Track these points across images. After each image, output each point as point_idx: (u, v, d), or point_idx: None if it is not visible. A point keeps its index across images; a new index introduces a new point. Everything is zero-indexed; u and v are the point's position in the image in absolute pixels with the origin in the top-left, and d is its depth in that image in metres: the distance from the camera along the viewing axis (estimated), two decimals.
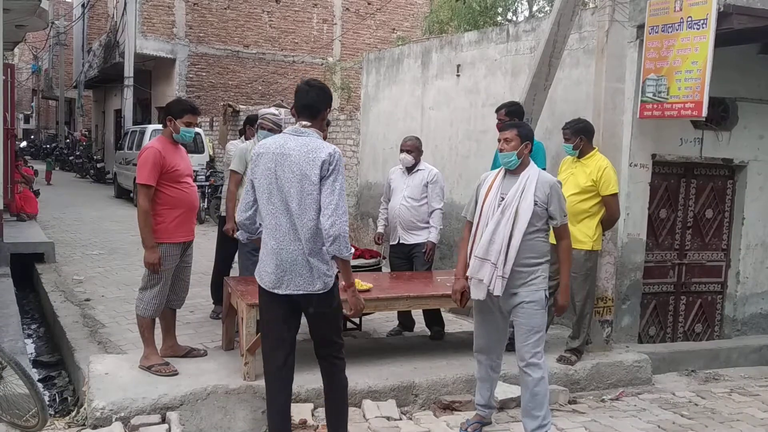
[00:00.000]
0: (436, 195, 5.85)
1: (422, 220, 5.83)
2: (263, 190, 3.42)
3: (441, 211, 5.87)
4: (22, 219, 11.07)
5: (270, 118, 5.58)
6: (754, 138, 6.55)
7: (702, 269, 6.62)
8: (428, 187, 5.82)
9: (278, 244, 3.39)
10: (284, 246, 3.39)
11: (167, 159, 4.60)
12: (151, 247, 4.55)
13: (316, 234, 3.35)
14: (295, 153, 3.34)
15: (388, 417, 4.47)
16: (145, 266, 4.60)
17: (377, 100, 10.46)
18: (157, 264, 4.55)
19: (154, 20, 20.00)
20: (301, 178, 3.31)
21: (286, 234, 3.38)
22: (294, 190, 3.33)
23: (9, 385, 4.10)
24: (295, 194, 3.32)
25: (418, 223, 5.83)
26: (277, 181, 3.37)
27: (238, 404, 4.31)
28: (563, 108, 6.71)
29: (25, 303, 7.82)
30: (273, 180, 3.38)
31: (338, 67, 21.08)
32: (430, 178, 5.84)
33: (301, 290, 3.42)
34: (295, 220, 3.35)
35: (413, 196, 5.83)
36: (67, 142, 30.56)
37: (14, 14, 9.44)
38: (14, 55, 32.11)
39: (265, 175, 3.41)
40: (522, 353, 3.99)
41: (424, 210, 5.83)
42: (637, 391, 5.40)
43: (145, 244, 4.57)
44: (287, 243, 3.38)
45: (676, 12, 5.46)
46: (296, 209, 3.33)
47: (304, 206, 3.33)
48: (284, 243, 3.38)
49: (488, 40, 8.05)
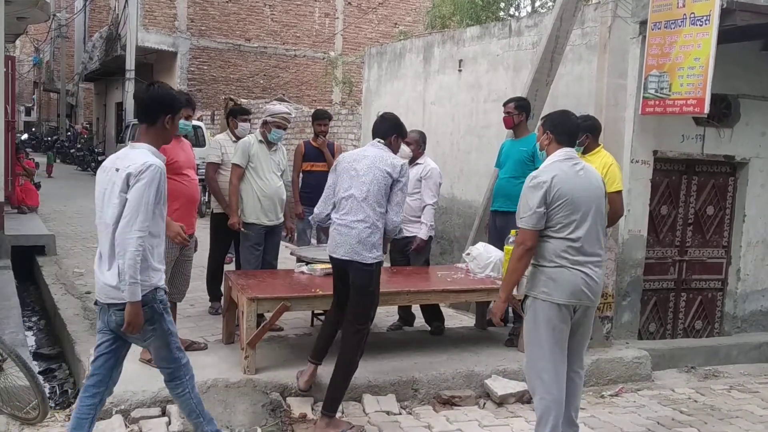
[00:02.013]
0: (428, 190, 5.78)
1: (414, 215, 5.78)
2: (344, 186, 4.21)
3: (432, 207, 5.81)
4: (23, 211, 11.07)
5: (285, 117, 5.69)
6: (756, 135, 6.54)
7: (703, 266, 6.62)
8: (422, 182, 5.79)
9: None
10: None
11: (167, 151, 4.59)
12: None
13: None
14: (371, 156, 4.22)
15: (388, 411, 4.48)
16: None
17: (379, 95, 10.45)
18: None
19: (155, 13, 19.96)
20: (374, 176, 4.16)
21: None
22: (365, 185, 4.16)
23: (10, 377, 4.12)
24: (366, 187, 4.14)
25: (410, 218, 5.76)
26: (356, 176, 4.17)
27: (239, 398, 4.32)
28: (565, 104, 6.69)
29: (25, 295, 7.83)
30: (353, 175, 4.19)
31: (340, 62, 21.04)
32: (424, 173, 5.81)
33: (347, 257, 4.17)
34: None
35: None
36: (69, 135, 30.55)
37: (16, 6, 9.43)
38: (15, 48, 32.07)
39: (347, 171, 4.22)
40: (584, 357, 3.98)
41: (416, 204, 5.78)
42: (637, 387, 5.40)
43: None
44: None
45: (679, 8, 5.45)
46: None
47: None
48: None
49: (490, 35, 8.03)
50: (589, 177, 3.75)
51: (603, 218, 3.78)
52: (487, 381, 4.87)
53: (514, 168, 5.83)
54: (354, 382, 4.57)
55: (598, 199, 3.72)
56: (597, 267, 3.69)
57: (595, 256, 3.68)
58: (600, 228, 3.73)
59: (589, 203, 3.67)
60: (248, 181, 5.59)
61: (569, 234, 3.62)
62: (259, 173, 5.58)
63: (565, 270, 3.62)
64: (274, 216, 5.68)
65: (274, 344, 5.24)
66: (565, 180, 3.63)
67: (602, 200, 3.77)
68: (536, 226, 3.61)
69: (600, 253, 3.71)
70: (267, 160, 5.63)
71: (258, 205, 5.58)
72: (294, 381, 4.52)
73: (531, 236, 3.62)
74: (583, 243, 3.63)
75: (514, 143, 5.97)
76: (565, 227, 3.62)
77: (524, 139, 5.89)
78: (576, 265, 3.62)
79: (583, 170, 3.75)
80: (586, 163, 5.20)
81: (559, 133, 3.78)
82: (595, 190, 3.73)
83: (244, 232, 5.61)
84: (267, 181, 5.61)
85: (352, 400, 4.53)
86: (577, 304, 3.64)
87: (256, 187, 5.57)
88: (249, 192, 5.58)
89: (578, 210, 3.63)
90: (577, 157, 3.84)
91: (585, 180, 3.71)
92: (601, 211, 3.74)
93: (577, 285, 3.62)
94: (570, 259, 3.62)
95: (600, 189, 3.77)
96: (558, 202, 3.60)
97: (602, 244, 3.75)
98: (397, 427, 4.32)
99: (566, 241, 3.62)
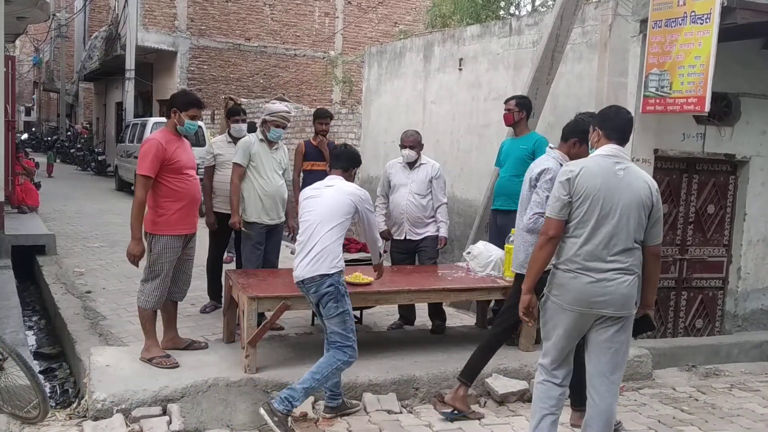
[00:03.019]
0: (441, 189, 5.88)
1: (428, 216, 5.86)
2: None
3: (446, 205, 5.92)
4: (23, 211, 11.07)
5: (284, 116, 5.68)
6: (757, 133, 6.53)
7: (703, 265, 6.62)
8: (433, 182, 5.84)
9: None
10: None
11: (169, 151, 4.61)
12: (137, 238, 4.56)
13: None
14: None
15: (389, 410, 4.47)
16: (127, 256, 4.62)
17: (379, 94, 10.44)
18: (138, 256, 4.57)
19: (155, 13, 19.96)
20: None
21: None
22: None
23: (10, 376, 4.12)
24: None
25: (424, 219, 5.86)
26: None
27: (239, 397, 4.32)
28: (565, 103, 6.70)
29: (26, 295, 7.83)
30: None
31: (340, 61, 21.03)
32: (434, 173, 5.86)
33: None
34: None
35: (420, 192, 5.83)
36: (69, 135, 30.55)
37: (15, 6, 9.42)
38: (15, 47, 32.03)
39: None
40: (614, 386, 3.74)
41: (429, 205, 5.85)
42: (638, 386, 5.40)
43: (132, 235, 4.58)
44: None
45: (679, 6, 5.44)
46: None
47: None
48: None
49: (491, 33, 8.03)
50: (629, 179, 3.46)
51: (636, 229, 3.45)
52: (487, 380, 4.87)
53: (514, 166, 5.83)
54: (354, 380, 4.60)
55: (631, 205, 3.42)
56: (617, 273, 3.42)
57: (616, 263, 3.41)
58: (630, 236, 3.43)
59: (617, 205, 3.41)
60: (250, 180, 5.59)
61: (585, 233, 3.42)
62: (260, 172, 5.58)
63: (571, 274, 3.46)
64: (275, 215, 5.68)
65: (274, 343, 5.24)
66: (594, 174, 3.43)
67: (640, 210, 3.44)
68: (558, 214, 3.46)
69: (624, 260, 3.42)
70: (268, 159, 5.63)
71: (259, 204, 5.58)
72: (294, 380, 4.51)
73: (554, 225, 3.48)
74: (599, 245, 3.41)
75: (514, 141, 5.98)
76: (582, 225, 3.43)
77: (524, 137, 5.90)
78: (585, 270, 3.43)
79: (625, 171, 3.47)
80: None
81: (607, 128, 3.58)
82: (632, 194, 3.43)
83: (245, 232, 5.61)
84: (268, 180, 5.60)
85: (353, 399, 4.53)
86: (589, 312, 3.45)
87: (257, 186, 5.57)
88: (251, 191, 5.58)
89: (601, 209, 3.40)
90: (625, 157, 3.56)
91: (622, 181, 3.44)
92: (634, 219, 3.43)
93: (582, 291, 3.43)
94: (579, 262, 3.44)
95: (639, 196, 3.44)
96: (579, 194, 3.42)
97: (631, 252, 3.45)
98: (398, 425, 4.32)
99: (581, 242, 3.44)
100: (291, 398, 3.99)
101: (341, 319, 4.12)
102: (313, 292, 4.15)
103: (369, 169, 10.59)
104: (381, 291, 4.96)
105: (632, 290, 3.48)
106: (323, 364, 4.11)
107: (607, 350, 3.52)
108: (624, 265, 3.44)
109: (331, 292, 4.11)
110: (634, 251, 3.47)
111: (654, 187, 3.53)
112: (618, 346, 3.53)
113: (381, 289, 4.97)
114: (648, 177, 3.60)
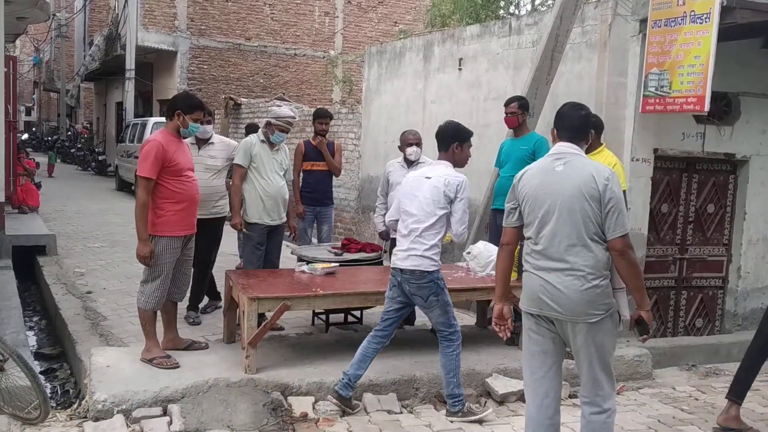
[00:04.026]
0: None
1: None
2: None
3: None
4: (24, 211, 11.08)
5: (289, 121, 5.70)
6: (757, 133, 6.53)
7: (703, 264, 6.62)
8: None
9: None
10: None
11: (169, 153, 4.61)
12: (144, 240, 4.56)
13: None
14: None
15: (389, 410, 4.48)
16: (137, 259, 4.62)
17: (379, 94, 10.44)
18: (148, 257, 4.56)
19: (155, 13, 19.96)
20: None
21: None
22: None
23: (11, 377, 4.12)
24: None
25: None
26: None
27: (240, 397, 4.32)
28: (565, 102, 6.69)
29: (26, 295, 7.83)
30: None
31: (340, 61, 21.03)
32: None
33: None
34: None
35: None
36: (69, 135, 30.56)
37: (15, 6, 9.42)
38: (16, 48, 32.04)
39: None
40: (597, 388, 3.46)
41: None
42: (638, 385, 5.41)
43: (139, 236, 4.58)
44: None
45: (679, 6, 5.44)
46: None
47: None
48: None
49: (490, 33, 8.03)
50: (568, 173, 3.26)
51: (584, 223, 3.20)
52: (488, 380, 4.88)
53: (515, 166, 5.81)
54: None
55: (571, 199, 3.21)
56: (565, 275, 3.21)
57: (562, 262, 3.22)
58: (575, 232, 3.20)
59: (555, 201, 3.24)
60: (251, 180, 5.59)
61: (530, 233, 3.34)
62: (261, 173, 5.59)
63: (528, 275, 3.36)
64: (276, 215, 5.68)
65: (275, 343, 5.24)
66: (533, 175, 3.36)
67: (583, 202, 3.19)
68: (507, 221, 3.47)
69: (570, 260, 3.21)
70: (269, 159, 5.63)
71: (261, 204, 5.58)
72: (295, 380, 4.53)
73: (506, 233, 3.49)
74: (546, 245, 3.26)
75: (515, 142, 5.98)
76: (528, 226, 3.36)
77: (524, 138, 5.90)
78: (537, 270, 3.30)
79: (566, 165, 3.29)
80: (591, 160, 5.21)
81: (558, 127, 3.50)
82: (572, 187, 3.22)
83: (245, 233, 5.62)
84: (270, 180, 5.61)
85: (353, 399, 4.53)
86: (541, 313, 3.30)
87: (258, 187, 5.58)
88: (252, 192, 5.59)
89: (540, 207, 3.28)
90: (571, 153, 3.36)
91: (560, 176, 3.27)
92: (575, 211, 3.20)
93: (534, 291, 3.30)
94: (532, 263, 3.33)
95: (577, 188, 3.21)
96: (522, 198, 3.37)
97: (579, 251, 3.21)
98: (398, 426, 4.32)
99: (529, 242, 3.36)
100: (457, 400, 4.40)
101: (443, 310, 4.37)
102: (412, 284, 4.32)
103: (369, 169, 10.59)
104: (381, 291, 4.95)
105: (584, 294, 3.20)
106: (445, 363, 4.39)
107: (581, 363, 3.31)
108: (570, 265, 3.21)
109: (431, 287, 4.30)
110: (587, 250, 3.21)
111: (601, 175, 3.21)
112: (589, 358, 3.27)
113: (381, 290, 4.97)
114: (597, 166, 3.34)
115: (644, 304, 3.35)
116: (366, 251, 6.06)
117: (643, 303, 3.35)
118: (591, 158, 5.16)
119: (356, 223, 10.73)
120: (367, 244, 6.35)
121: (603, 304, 3.25)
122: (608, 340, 3.31)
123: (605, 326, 3.27)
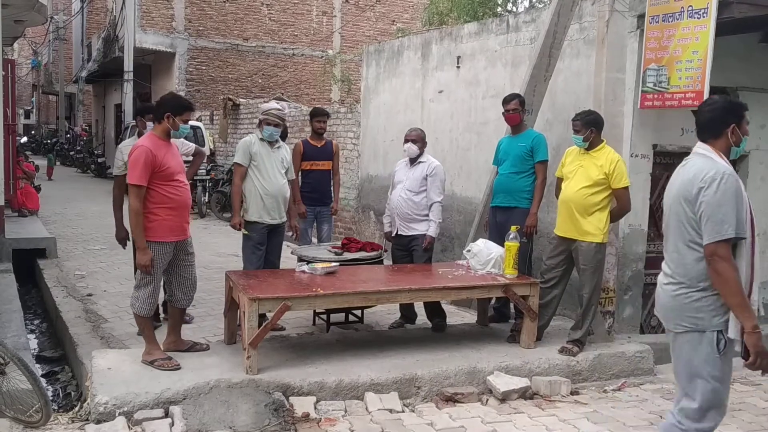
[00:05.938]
0: (435, 188, 5.79)
1: (420, 213, 5.80)
2: None
3: (440, 204, 5.82)
4: (24, 214, 11.08)
5: (275, 113, 5.62)
6: (756, 127, 6.51)
7: None
8: (427, 179, 5.79)
9: None
10: None
11: (158, 158, 4.56)
12: (142, 248, 4.54)
13: None
14: None
15: (391, 409, 4.47)
16: (138, 267, 4.61)
17: (377, 93, 10.44)
18: (149, 265, 4.54)
19: (153, 14, 19.96)
20: None
21: None
22: None
23: (12, 380, 4.11)
24: None
25: (415, 216, 5.80)
26: None
27: (241, 398, 4.32)
28: (564, 99, 6.70)
29: (27, 298, 7.84)
30: None
31: (338, 60, 21.04)
32: (430, 171, 5.81)
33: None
34: None
35: (412, 188, 5.81)
36: (68, 137, 30.55)
37: (13, 9, 9.42)
38: (14, 51, 32.08)
39: None
40: (684, 398, 3.26)
41: (422, 202, 5.79)
42: (639, 381, 5.40)
43: (138, 245, 4.57)
44: None
45: (676, 1, 5.44)
46: None
47: None
48: None
49: (488, 31, 8.02)
50: (680, 175, 3.12)
51: (679, 228, 3.06)
52: (489, 377, 4.87)
53: (514, 164, 5.84)
54: (356, 380, 4.60)
55: (675, 202, 3.08)
56: (665, 279, 3.16)
57: (666, 266, 3.17)
58: (673, 236, 3.11)
59: (667, 204, 3.17)
60: (251, 179, 5.57)
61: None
62: (262, 172, 5.57)
63: None
64: (277, 215, 5.65)
65: (276, 344, 5.24)
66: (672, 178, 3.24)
67: (679, 205, 3.04)
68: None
69: (669, 265, 3.13)
70: (270, 158, 5.61)
71: (261, 203, 5.56)
72: (296, 380, 4.52)
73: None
74: (664, 247, 3.22)
75: (513, 140, 5.97)
76: None
77: (522, 135, 5.90)
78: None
79: (683, 168, 3.15)
80: (590, 159, 5.21)
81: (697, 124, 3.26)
82: (674, 190, 3.11)
83: (245, 234, 5.61)
84: (271, 179, 5.59)
85: (355, 399, 4.53)
86: (657, 315, 3.31)
87: (259, 186, 5.56)
88: (252, 191, 5.57)
89: (665, 211, 3.22)
90: (695, 153, 3.15)
91: (675, 177, 3.17)
92: (675, 216, 3.08)
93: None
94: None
95: (678, 191, 3.07)
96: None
97: (675, 257, 3.10)
98: (400, 424, 4.32)
99: None
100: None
101: None
102: None
103: (368, 168, 10.59)
104: (381, 290, 4.97)
105: (673, 301, 3.07)
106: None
107: (676, 365, 3.17)
108: (669, 270, 3.14)
109: None
110: (680, 255, 3.07)
111: (699, 177, 2.98)
112: (676, 369, 3.15)
113: (381, 289, 4.98)
114: (703, 167, 3.02)
115: (746, 325, 2.93)
116: (366, 250, 6.05)
117: (744, 323, 2.94)
118: (594, 155, 5.22)
119: (356, 222, 10.72)
120: (367, 243, 6.34)
121: (692, 317, 3.03)
122: (697, 360, 3.03)
123: (693, 342, 3.04)
